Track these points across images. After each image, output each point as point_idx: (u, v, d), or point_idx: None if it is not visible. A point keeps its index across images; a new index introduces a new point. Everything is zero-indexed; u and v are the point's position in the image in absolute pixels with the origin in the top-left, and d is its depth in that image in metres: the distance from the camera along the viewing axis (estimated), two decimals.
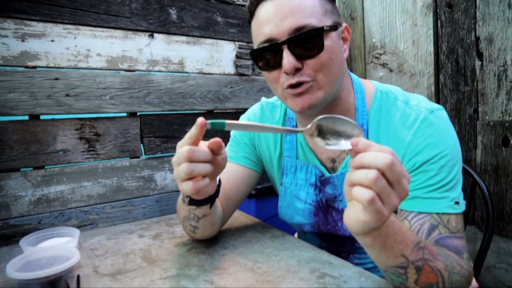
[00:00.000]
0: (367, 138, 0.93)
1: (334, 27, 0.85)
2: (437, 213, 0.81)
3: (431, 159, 0.84)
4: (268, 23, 0.83)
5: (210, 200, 0.87)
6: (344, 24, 0.91)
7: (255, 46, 0.89)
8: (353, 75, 1.01)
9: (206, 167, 0.74)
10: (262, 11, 0.84)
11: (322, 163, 1.01)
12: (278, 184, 1.12)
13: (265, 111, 1.13)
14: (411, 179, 0.85)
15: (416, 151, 0.85)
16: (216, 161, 0.77)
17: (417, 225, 0.81)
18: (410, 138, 0.87)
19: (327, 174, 1.00)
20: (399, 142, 0.88)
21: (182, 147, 0.73)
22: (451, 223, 0.80)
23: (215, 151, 0.76)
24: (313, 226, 1.05)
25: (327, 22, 0.84)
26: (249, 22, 0.92)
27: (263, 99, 1.16)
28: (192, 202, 0.86)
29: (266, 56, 0.86)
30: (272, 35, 0.83)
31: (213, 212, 0.94)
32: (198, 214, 0.91)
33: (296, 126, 1.06)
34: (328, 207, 1.02)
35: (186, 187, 0.74)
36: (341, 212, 0.99)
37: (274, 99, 1.15)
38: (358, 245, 1.02)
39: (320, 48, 0.82)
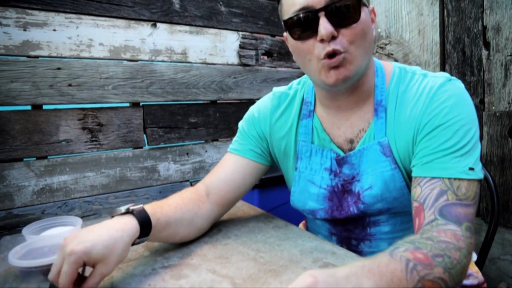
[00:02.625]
0: (385, 113, 0.93)
1: (366, 2, 0.87)
2: (449, 178, 0.80)
3: (445, 123, 0.83)
4: None
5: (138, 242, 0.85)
6: (371, 6, 0.93)
7: (287, 16, 0.87)
8: (375, 59, 1.02)
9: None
10: None
11: (338, 146, 1.01)
12: (292, 170, 1.10)
13: (275, 102, 1.12)
14: (426, 143, 0.85)
15: (431, 115, 0.86)
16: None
17: (427, 190, 0.81)
18: (426, 104, 0.87)
19: (343, 154, 0.99)
20: (416, 112, 0.89)
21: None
22: (461, 189, 0.79)
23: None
24: (326, 211, 1.03)
25: None
26: None
27: (275, 88, 1.15)
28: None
29: (302, 24, 0.86)
30: (309, 3, 0.82)
31: (162, 229, 0.91)
32: (151, 239, 0.90)
33: (314, 110, 1.05)
34: (343, 191, 1.00)
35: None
36: (356, 195, 0.98)
37: (285, 88, 1.14)
38: (369, 232, 1.01)
39: (356, 18, 0.83)
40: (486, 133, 1.65)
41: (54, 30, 1.53)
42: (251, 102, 2.09)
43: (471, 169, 0.81)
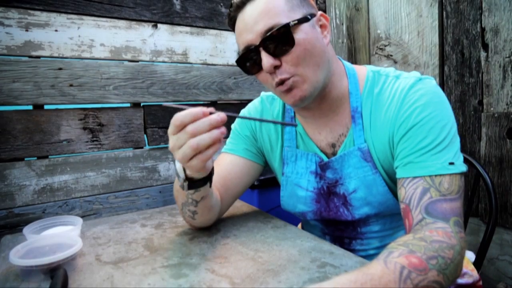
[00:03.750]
0: (361, 119, 0.95)
1: (305, 19, 0.87)
2: (429, 176, 0.81)
3: (418, 122, 0.85)
4: (245, 31, 0.88)
5: (208, 179, 0.89)
6: (319, 12, 0.94)
7: (239, 55, 0.93)
8: (344, 61, 1.03)
9: (211, 135, 0.72)
10: (239, 22, 0.90)
11: (322, 151, 1.03)
12: (279, 175, 1.13)
13: (265, 104, 1.16)
14: (403, 145, 0.87)
15: (404, 117, 0.87)
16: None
17: (411, 190, 0.82)
18: (398, 106, 0.89)
19: (326, 159, 1.01)
20: (389, 115, 0.90)
21: (179, 124, 0.73)
22: (443, 185, 0.80)
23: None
24: (315, 213, 1.06)
25: (295, 16, 0.86)
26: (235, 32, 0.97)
27: (263, 93, 1.19)
28: (191, 186, 0.87)
29: (250, 61, 0.91)
30: (249, 41, 0.87)
31: (210, 195, 0.96)
32: (196, 197, 0.93)
33: (295, 116, 1.08)
34: (329, 193, 1.03)
35: (195, 164, 0.74)
36: (342, 197, 1.00)
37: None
38: (360, 231, 1.03)
39: (291, 43, 0.85)
40: (485, 134, 1.66)
41: (56, 30, 1.54)
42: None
43: (451, 163, 0.82)
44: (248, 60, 0.91)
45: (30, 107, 1.51)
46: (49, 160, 1.55)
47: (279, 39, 0.85)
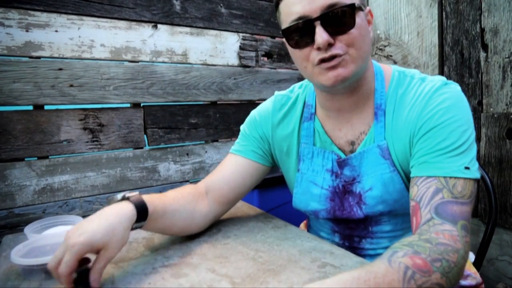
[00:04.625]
0: (384, 117, 0.95)
1: (361, 7, 0.88)
2: (444, 177, 0.81)
3: (440, 124, 0.85)
4: (300, 2, 0.84)
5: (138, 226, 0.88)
6: (368, 7, 0.94)
7: (285, 26, 0.89)
8: (373, 60, 1.03)
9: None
10: None
11: (340, 148, 1.02)
12: (294, 172, 1.12)
13: (277, 104, 1.13)
14: (422, 145, 0.87)
15: (426, 117, 0.87)
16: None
17: (423, 189, 0.82)
18: (422, 107, 0.89)
19: (344, 157, 1.01)
20: (412, 116, 0.90)
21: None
22: (457, 187, 0.80)
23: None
24: (328, 212, 1.05)
25: (355, 1, 0.86)
26: (276, 5, 0.93)
27: (276, 92, 1.17)
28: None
29: (299, 33, 0.88)
30: (305, 12, 0.84)
31: (158, 221, 0.93)
32: (145, 229, 0.92)
33: (315, 113, 1.07)
34: (345, 192, 1.02)
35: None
36: (358, 195, 1.00)
37: (287, 91, 1.16)
38: (371, 230, 1.03)
39: (352, 24, 0.84)
40: (484, 134, 1.66)
41: (56, 31, 1.54)
42: (251, 103, 2.11)
43: (467, 168, 0.82)
44: (297, 32, 0.88)
45: (31, 108, 1.51)
46: (49, 160, 1.56)
47: (340, 18, 0.83)
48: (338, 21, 0.83)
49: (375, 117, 0.96)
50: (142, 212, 0.86)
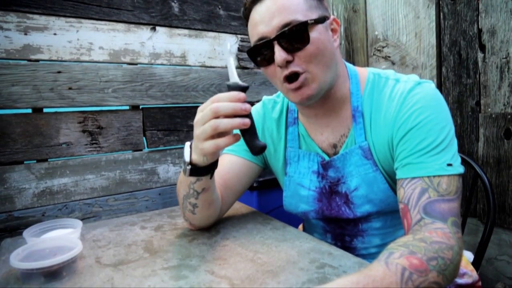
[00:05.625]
0: (362, 119, 0.97)
1: (320, 20, 0.90)
2: (428, 176, 0.83)
3: (417, 124, 0.87)
4: (261, 23, 0.89)
5: (210, 168, 0.91)
6: (332, 16, 0.96)
7: (252, 45, 0.94)
8: (347, 64, 1.05)
9: (232, 122, 0.79)
10: (255, 14, 0.91)
11: (324, 151, 1.05)
12: (282, 175, 1.14)
13: (267, 108, 1.18)
14: (402, 147, 0.88)
15: (402, 119, 0.89)
16: None
17: (409, 191, 0.83)
18: (397, 109, 0.91)
19: (328, 159, 1.03)
20: (388, 117, 0.92)
21: (208, 106, 0.81)
22: (442, 185, 0.82)
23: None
24: (317, 212, 1.07)
25: (312, 16, 0.89)
26: (246, 26, 0.99)
27: (264, 97, 1.20)
28: (194, 172, 0.90)
29: (261, 53, 0.92)
30: (264, 33, 0.89)
31: (212, 189, 0.98)
32: (198, 188, 0.95)
33: (298, 118, 1.10)
34: (331, 192, 1.04)
35: (207, 146, 0.81)
36: (344, 195, 1.02)
37: (274, 96, 1.20)
38: (362, 228, 1.04)
39: (306, 40, 0.87)
40: (483, 134, 1.66)
41: (55, 34, 1.54)
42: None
43: (449, 165, 0.83)
44: (260, 52, 0.92)
45: (29, 111, 1.52)
46: (49, 163, 1.56)
47: (295, 36, 0.87)
48: (293, 38, 0.87)
49: (353, 119, 0.98)
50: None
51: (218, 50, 2.03)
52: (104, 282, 0.81)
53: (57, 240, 0.94)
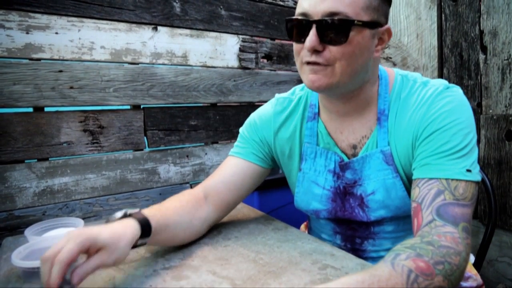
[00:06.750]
0: (387, 122, 0.95)
1: (370, 25, 0.86)
2: (446, 179, 0.82)
3: (443, 126, 0.86)
4: (308, 1, 0.85)
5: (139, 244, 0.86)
6: (386, 26, 0.91)
7: (292, 17, 0.90)
8: (380, 66, 1.02)
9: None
10: None
11: (342, 151, 1.02)
12: (296, 172, 1.11)
13: (278, 107, 1.12)
14: (424, 147, 0.87)
15: (429, 121, 0.88)
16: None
17: (425, 190, 0.82)
18: (425, 110, 0.89)
19: (347, 160, 1.01)
20: (414, 119, 0.91)
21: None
22: (458, 190, 0.81)
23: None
24: (329, 212, 1.05)
25: (364, 17, 0.84)
26: None
27: (277, 95, 1.16)
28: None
29: (297, 27, 0.89)
30: (308, 11, 0.85)
31: (161, 235, 0.91)
32: (149, 244, 0.90)
33: (319, 113, 1.06)
34: (346, 193, 1.02)
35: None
36: (358, 198, 1.00)
37: (289, 93, 1.15)
38: (373, 231, 1.03)
39: (344, 39, 0.83)
40: (484, 136, 1.67)
41: (56, 33, 1.54)
42: (251, 105, 2.11)
43: (469, 170, 0.82)
44: (296, 25, 0.89)
45: (31, 110, 1.51)
46: (50, 162, 1.56)
47: (335, 29, 0.83)
48: (332, 31, 0.83)
49: (378, 122, 0.96)
50: (146, 228, 0.85)
51: (220, 50, 2.03)
52: (106, 282, 0.81)
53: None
